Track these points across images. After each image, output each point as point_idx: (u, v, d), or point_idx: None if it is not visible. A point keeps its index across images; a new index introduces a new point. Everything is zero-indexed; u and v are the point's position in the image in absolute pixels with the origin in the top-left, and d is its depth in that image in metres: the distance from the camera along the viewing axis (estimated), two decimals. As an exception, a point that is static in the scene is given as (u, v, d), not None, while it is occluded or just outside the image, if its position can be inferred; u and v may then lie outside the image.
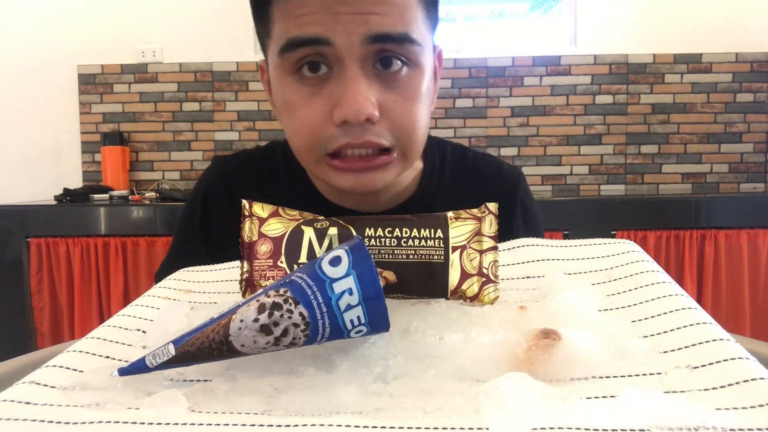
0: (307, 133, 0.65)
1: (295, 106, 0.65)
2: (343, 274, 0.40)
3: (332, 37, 0.60)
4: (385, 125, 0.64)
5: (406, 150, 0.68)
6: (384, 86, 0.64)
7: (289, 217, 0.53)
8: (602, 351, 0.40)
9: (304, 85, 0.64)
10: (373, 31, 0.60)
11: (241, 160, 0.89)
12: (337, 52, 0.61)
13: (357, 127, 0.62)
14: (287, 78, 0.65)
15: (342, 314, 0.40)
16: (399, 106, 0.64)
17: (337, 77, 0.62)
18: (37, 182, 2.93)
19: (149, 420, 0.34)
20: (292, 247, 0.51)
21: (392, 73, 0.64)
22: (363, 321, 0.41)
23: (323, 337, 0.41)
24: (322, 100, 0.63)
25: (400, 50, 0.63)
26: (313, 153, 0.67)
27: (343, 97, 0.61)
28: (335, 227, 0.51)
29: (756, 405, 0.33)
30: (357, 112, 0.61)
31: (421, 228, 0.51)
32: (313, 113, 0.64)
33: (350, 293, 0.40)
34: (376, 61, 0.63)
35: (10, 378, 0.41)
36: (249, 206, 0.53)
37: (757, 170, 2.89)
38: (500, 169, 0.89)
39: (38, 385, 0.39)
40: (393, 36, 0.61)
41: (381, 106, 0.63)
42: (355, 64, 0.61)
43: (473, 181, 0.86)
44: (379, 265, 0.50)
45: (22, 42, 2.91)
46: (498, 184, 0.87)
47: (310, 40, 0.61)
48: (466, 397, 0.36)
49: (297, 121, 0.65)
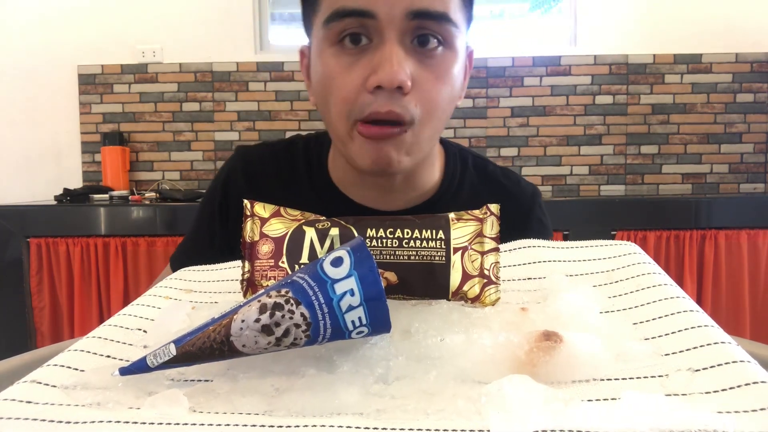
0: (341, 100, 0.68)
1: (333, 74, 0.68)
2: (345, 275, 0.40)
3: (375, 9, 0.64)
4: (413, 99, 0.67)
5: (420, 130, 0.70)
6: (419, 62, 0.67)
7: (290, 218, 0.53)
8: (604, 353, 0.40)
9: (345, 56, 0.68)
10: (415, 7, 0.64)
11: (263, 152, 0.91)
12: (378, 25, 0.65)
13: (387, 94, 0.65)
14: (329, 49, 0.69)
15: (343, 315, 0.40)
16: (429, 83, 0.68)
17: (376, 48, 0.66)
18: (37, 182, 2.93)
19: (150, 420, 0.34)
20: (294, 247, 0.51)
21: (428, 51, 0.67)
22: (364, 322, 0.41)
23: (324, 338, 0.41)
24: (359, 69, 0.66)
25: (437, 28, 0.67)
26: (345, 121, 0.69)
27: (380, 64, 0.65)
28: (336, 228, 0.51)
29: (757, 408, 0.33)
30: (391, 78, 0.64)
31: (422, 229, 0.51)
32: (350, 81, 0.67)
33: (352, 294, 0.40)
34: (414, 37, 0.66)
35: (11, 377, 0.41)
36: (250, 206, 0.53)
37: (757, 170, 2.90)
38: (518, 185, 0.90)
39: (39, 384, 0.39)
40: (432, 13, 0.65)
41: (414, 79, 0.66)
42: (394, 37, 0.65)
43: (491, 193, 0.88)
44: (381, 265, 0.50)
45: (23, 42, 2.91)
46: (516, 199, 0.88)
47: (355, 12, 0.65)
48: (468, 399, 0.36)
49: (334, 89, 0.69)
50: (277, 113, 2.94)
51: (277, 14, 3.04)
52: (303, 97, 2.93)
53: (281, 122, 2.94)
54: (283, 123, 2.94)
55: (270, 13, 3.00)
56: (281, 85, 2.94)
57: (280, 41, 3.01)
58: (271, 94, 2.94)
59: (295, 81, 2.93)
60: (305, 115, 2.94)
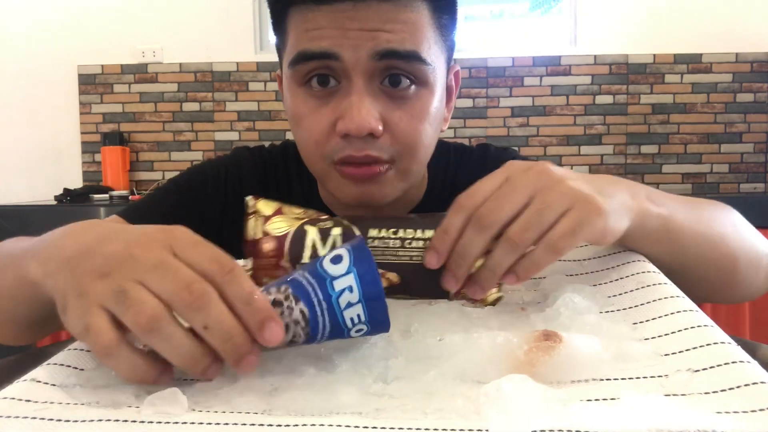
0: (313, 143, 0.67)
1: (302, 116, 0.67)
2: (344, 272, 0.41)
3: (340, 51, 0.62)
4: (388, 140, 0.66)
5: (405, 166, 0.69)
6: (390, 102, 0.65)
7: (293, 216, 0.53)
8: (603, 354, 0.40)
9: (312, 97, 0.66)
10: (380, 48, 0.62)
11: (257, 156, 0.90)
12: (344, 67, 0.62)
13: (359, 140, 0.64)
14: (297, 89, 0.67)
15: (342, 312, 0.41)
16: (403, 123, 0.66)
17: (344, 91, 0.64)
18: (37, 182, 2.93)
19: (149, 418, 0.34)
20: (296, 246, 0.51)
21: (400, 91, 0.65)
22: (363, 319, 0.41)
23: (323, 336, 0.41)
24: (327, 111, 0.65)
25: (408, 68, 0.64)
26: (320, 161, 0.68)
27: (347, 111, 0.63)
28: (339, 227, 0.51)
29: (757, 409, 0.33)
30: (359, 127, 0.62)
31: (425, 229, 0.51)
32: (318, 124, 0.65)
33: (350, 291, 0.40)
34: (384, 77, 0.64)
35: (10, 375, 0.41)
36: (254, 203, 0.53)
37: (757, 170, 2.89)
38: (486, 156, 0.90)
39: (39, 383, 0.39)
40: (401, 53, 0.63)
41: (385, 121, 0.65)
42: (361, 79, 0.63)
43: (474, 179, 0.87)
44: (383, 266, 0.50)
45: (22, 42, 2.91)
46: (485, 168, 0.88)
47: (319, 54, 0.63)
48: (467, 399, 0.36)
49: (304, 131, 0.67)
50: (277, 113, 2.94)
51: (277, 14, 3.03)
52: (303, 97, 2.93)
53: (281, 122, 2.94)
54: (283, 123, 2.94)
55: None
56: (281, 85, 2.93)
57: (280, 41, 3.01)
58: (271, 94, 2.94)
59: (295, 81, 2.93)
60: (305, 115, 2.93)
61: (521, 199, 0.48)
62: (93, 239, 0.43)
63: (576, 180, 0.50)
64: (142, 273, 0.38)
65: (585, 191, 0.49)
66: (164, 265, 0.39)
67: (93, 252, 0.41)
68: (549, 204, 0.48)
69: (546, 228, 0.48)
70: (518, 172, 0.50)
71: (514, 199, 0.48)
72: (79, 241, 0.43)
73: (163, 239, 0.41)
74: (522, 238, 0.47)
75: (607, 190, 0.51)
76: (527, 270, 0.48)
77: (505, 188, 0.49)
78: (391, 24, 0.62)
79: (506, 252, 0.48)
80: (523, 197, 0.48)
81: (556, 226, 0.47)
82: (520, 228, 0.47)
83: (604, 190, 0.51)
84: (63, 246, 0.44)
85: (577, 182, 0.49)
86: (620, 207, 0.52)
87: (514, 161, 0.52)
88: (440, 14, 0.68)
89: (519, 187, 0.49)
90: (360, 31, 0.61)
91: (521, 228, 0.47)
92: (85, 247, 0.42)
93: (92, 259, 0.40)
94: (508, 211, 0.48)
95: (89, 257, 0.41)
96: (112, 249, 0.40)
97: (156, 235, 0.41)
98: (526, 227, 0.47)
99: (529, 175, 0.50)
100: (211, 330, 0.38)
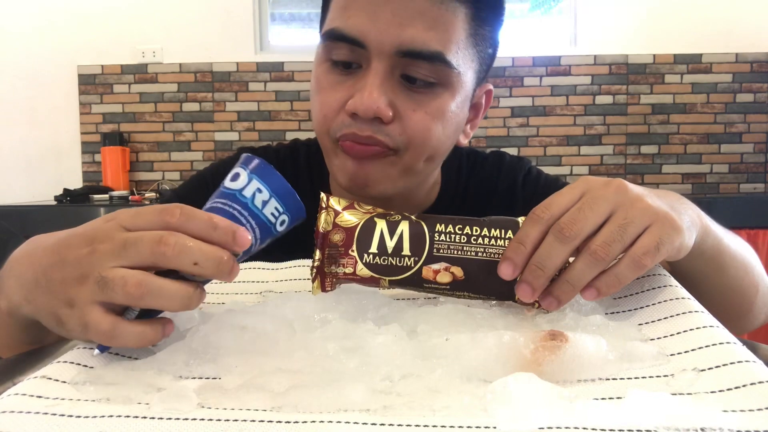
0: (322, 116, 0.69)
1: (320, 88, 0.69)
2: (247, 182, 0.46)
3: (366, 40, 0.64)
4: (397, 129, 0.66)
5: (409, 160, 0.69)
6: (407, 95, 0.66)
7: (363, 210, 0.53)
8: (609, 353, 0.41)
9: (334, 74, 0.68)
10: (405, 47, 0.64)
11: (266, 156, 0.90)
12: (368, 55, 0.65)
13: (366, 122, 0.65)
14: (324, 63, 0.69)
15: (262, 211, 0.46)
16: (416, 116, 0.66)
17: (363, 74, 0.66)
18: (37, 182, 2.93)
19: (159, 414, 0.34)
20: (364, 236, 0.51)
21: (418, 87, 0.66)
22: (282, 210, 0.47)
23: (257, 240, 0.46)
24: (343, 90, 0.67)
25: (430, 68, 0.65)
26: (327, 137, 0.70)
27: (358, 91, 0.65)
28: (406, 221, 0.52)
29: (763, 408, 0.33)
30: (366, 107, 0.64)
31: (491, 228, 0.51)
32: (332, 99, 0.67)
33: (260, 191, 0.46)
34: (404, 72, 0.65)
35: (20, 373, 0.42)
36: (326, 199, 0.54)
37: (757, 170, 2.90)
38: (501, 165, 0.92)
39: (49, 380, 0.39)
40: (424, 54, 0.64)
41: (398, 110, 0.65)
42: (380, 67, 0.64)
43: (487, 186, 0.89)
44: (448, 260, 0.50)
45: (23, 43, 2.91)
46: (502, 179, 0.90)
47: (347, 38, 0.65)
48: (474, 397, 0.36)
49: (317, 103, 0.70)
50: (277, 113, 2.95)
51: (277, 14, 3.04)
52: (303, 98, 2.93)
53: (281, 122, 2.95)
54: (283, 123, 2.95)
55: (270, 13, 3.01)
56: (281, 85, 2.94)
57: (280, 41, 3.02)
58: (271, 94, 2.94)
59: (295, 81, 2.94)
60: (305, 115, 2.94)
61: (603, 213, 0.48)
62: (49, 254, 0.44)
63: (652, 197, 0.50)
64: (113, 258, 0.41)
65: (663, 208, 0.49)
66: (129, 241, 0.41)
67: (59, 264, 0.43)
68: (631, 220, 0.47)
69: (628, 243, 0.47)
70: (597, 187, 0.49)
71: (597, 212, 0.48)
72: (34, 262, 0.45)
73: (112, 224, 0.44)
74: (606, 252, 0.46)
75: (678, 207, 0.52)
76: (609, 285, 0.47)
77: (586, 201, 0.48)
78: (421, 18, 0.63)
79: (589, 265, 0.47)
80: (605, 211, 0.48)
81: (639, 241, 0.47)
82: (604, 241, 0.46)
83: (675, 207, 0.51)
84: (21, 274, 0.46)
85: (654, 199, 0.49)
86: (691, 224, 0.52)
87: (589, 177, 0.52)
88: (479, 23, 0.68)
89: (600, 201, 0.48)
90: (391, 17, 0.63)
91: (605, 241, 0.46)
92: (47, 264, 0.44)
93: (62, 270, 0.42)
94: (592, 223, 0.47)
95: (58, 270, 0.43)
96: (75, 254, 0.42)
97: (103, 225, 0.44)
98: (610, 241, 0.46)
99: (609, 190, 0.49)
100: (201, 263, 0.41)
